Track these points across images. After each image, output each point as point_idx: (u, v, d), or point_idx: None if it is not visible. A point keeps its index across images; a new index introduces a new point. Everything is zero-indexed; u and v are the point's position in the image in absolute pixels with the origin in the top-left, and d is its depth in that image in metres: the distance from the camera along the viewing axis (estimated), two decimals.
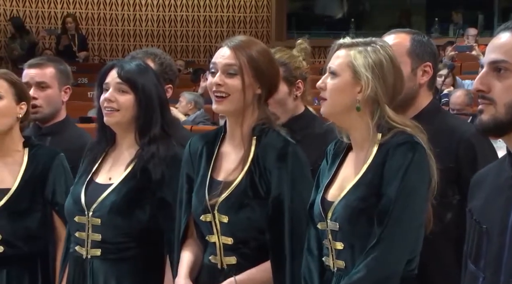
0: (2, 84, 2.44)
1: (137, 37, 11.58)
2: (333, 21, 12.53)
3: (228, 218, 2.06)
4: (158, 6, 11.65)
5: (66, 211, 2.30)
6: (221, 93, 2.07)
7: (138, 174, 2.23)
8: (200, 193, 2.11)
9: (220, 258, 2.09)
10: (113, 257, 2.23)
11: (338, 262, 1.90)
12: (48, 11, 11.26)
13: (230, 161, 2.11)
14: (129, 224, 2.22)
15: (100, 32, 11.52)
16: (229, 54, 2.09)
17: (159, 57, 2.77)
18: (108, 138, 2.32)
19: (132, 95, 2.26)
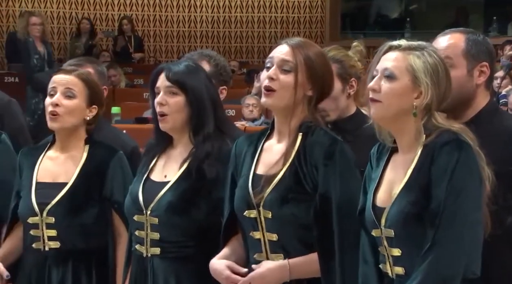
0: (77, 83, 2.47)
1: (191, 38, 11.69)
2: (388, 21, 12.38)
3: (272, 213, 2.06)
4: (213, 7, 11.73)
5: (126, 210, 2.33)
6: (271, 87, 2.09)
7: (194, 173, 2.25)
8: (243, 189, 2.13)
9: (266, 255, 2.09)
10: (172, 256, 2.26)
11: (396, 269, 1.88)
12: (106, 14, 11.47)
13: (272, 154, 2.12)
14: (186, 223, 2.25)
15: (156, 33, 11.67)
16: (287, 51, 2.11)
17: (214, 59, 2.79)
18: (165, 139, 2.35)
19: (182, 96, 2.28)
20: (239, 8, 11.76)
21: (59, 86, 2.46)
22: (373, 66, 1.95)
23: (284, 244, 2.07)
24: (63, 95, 2.44)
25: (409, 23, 11.66)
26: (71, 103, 2.45)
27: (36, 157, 2.49)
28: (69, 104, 2.44)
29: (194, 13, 11.69)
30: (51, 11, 11.24)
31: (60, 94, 2.44)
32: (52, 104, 2.44)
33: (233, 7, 11.76)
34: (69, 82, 2.46)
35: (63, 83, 2.46)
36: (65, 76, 2.47)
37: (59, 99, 2.44)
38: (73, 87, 2.46)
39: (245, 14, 11.78)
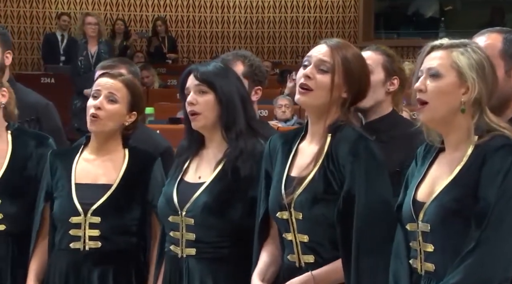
0: (121, 88, 2.49)
1: (224, 39, 11.73)
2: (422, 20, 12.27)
3: (303, 214, 2.06)
4: (246, 8, 11.76)
5: (159, 211, 2.35)
6: (307, 86, 2.08)
7: (229, 173, 2.26)
8: (276, 190, 2.13)
9: (298, 257, 2.09)
10: (208, 256, 2.26)
11: (426, 265, 1.86)
12: (140, 15, 11.57)
13: (305, 157, 2.12)
14: (221, 223, 2.25)
15: (189, 34, 11.73)
16: (326, 51, 2.11)
17: (249, 59, 2.79)
18: (196, 140, 2.36)
19: (212, 94, 2.29)
20: (272, 9, 11.77)
21: (103, 89, 2.48)
22: (417, 68, 1.93)
23: (315, 245, 2.07)
24: (106, 99, 2.47)
25: (443, 23, 11.54)
26: (112, 108, 2.47)
27: (71, 159, 2.52)
28: (111, 109, 2.47)
29: (228, 14, 11.73)
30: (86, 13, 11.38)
31: (103, 97, 2.47)
32: (94, 106, 2.46)
33: (266, 8, 11.76)
34: (113, 86, 2.48)
35: (107, 87, 2.48)
36: (110, 80, 2.49)
37: (102, 102, 2.46)
38: (117, 92, 2.48)
39: (278, 14, 11.78)
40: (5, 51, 3.03)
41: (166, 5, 11.62)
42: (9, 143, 2.61)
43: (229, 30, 11.73)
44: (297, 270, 2.09)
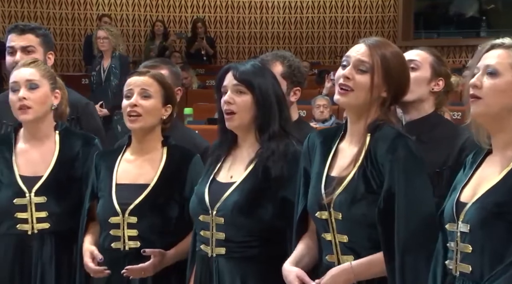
0: (153, 84, 2.52)
1: (263, 39, 11.74)
2: (463, 19, 12.11)
3: (342, 214, 2.05)
4: (284, 8, 11.75)
5: (191, 210, 2.35)
6: (346, 86, 2.07)
7: (260, 173, 2.26)
8: (315, 190, 2.12)
9: (337, 257, 2.08)
10: (237, 256, 2.26)
11: (462, 266, 1.84)
12: (179, 16, 11.66)
13: (345, 157, 2.10)
14: (251, 223, 2.25)
15: (228, 35, 11.78)
16: (364, 51, 2.09)
17: (288, 60, 2.79)
18: (230, 139, 2.36)
19: (249, 95, 2.29)
20: (311, 9, 11.74)
21: (135, 87, 2.51)
22: (474, 65, 1.91)
23: (355, 245, 2.06)
24: (140, 95, 2.50)
25: (485, 22, 11.37)
26: (148, 103, 2.50)
27: (113, 160, 2.55)
28: (147, 104, 2.49)
29: (266, 14, 11.74)
30: (126, 14, 11.51)
31: (137, 95, 2.50)
32: (130, 105, 2.49)
33: (304, 8, 11.74)
34: (144, 82, 2.51)
35: (138, 84, 2.51)
36: (140, 77, 2.53)
37: (137, 99, 2.49)
38: (149, 88, 2.51)
39: (317, 14, 11.75)
40: (48, 52, 3.08)
41: (205, 6, 11.68)
42: (56, 143, 2.65)
43: (267, 31, 11.74)
44: None
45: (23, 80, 2.61)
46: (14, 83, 2.63)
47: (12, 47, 3.03)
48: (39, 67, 2.67)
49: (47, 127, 2.66)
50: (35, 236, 2.58)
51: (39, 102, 2.60)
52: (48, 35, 3.15)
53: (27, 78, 2.61)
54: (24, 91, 2.59)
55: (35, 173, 2.60)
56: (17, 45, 3.01)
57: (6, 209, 2.57)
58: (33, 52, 3.00)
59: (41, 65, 2.70)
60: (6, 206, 2.57)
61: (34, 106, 2.59)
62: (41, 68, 2.66)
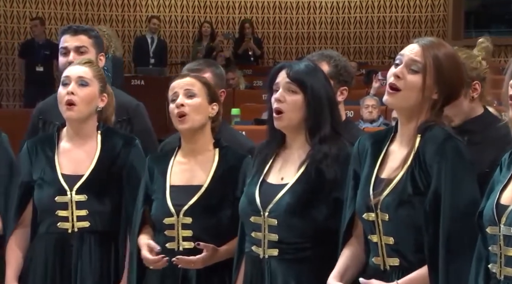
0: (195, 83, 2.55)
1: (310, 40, 11.71)
2: None
3: (389, 216, 2.03)
4: (332, 8, 11.70)
5: (240, 211, 2.35)
6: (396, 86, 2.05)
7: (313, 175, 2.25)
8: (364, 191, 2.11)
9: (383, 259, 2.07)
10: (290, 257, 2.26)
11: (507, 270, 1.80)
12: (227, 17, 11.72)
13: (395, 159, 2.08)
14: (304, 224, 2.25)
15: (275, 35, 11.79)
16: (417, 51, 2.07)
17: (334, 59, 2.78)
18: (278, 139, 2.35)
19: (301, 95, 2.28)
20: (359, 9, 11.67)
21: (179, 89, 2.54)
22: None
23: (401, 247, 2.04)
24: (185, 96, 2.53)
25: None
26: (194, 102, 2.53)
27: (166, 162, 2.58)
28: (193, 103, 2.52)
29: (313, 15, 11.71)
30: (175, 15, 11.63)
31: (182, 95, 2.53)
32: (177, 105, 2.52)
33: (352, 8, 11.67)
34: (187, 83, 2.55)
35: (182, 86, 2.55)
36: (182, 79, 2.57)
37: (182, 99, 2.52)
38: (192, 87, 2.54)
39: (365, 14, 11.67)
40: (99, 54, 3.12)
41: (252, 6, 11.71)
42: (98, 142, 2.69)
43: (315, 31, 11.71)
44: (382, 273, 2.07)
45: (75, 76, 2.66)
46: (65, 77, 2.67)
47: (65, 48, 3.07)
48: (93, 67, 2.72)
49: (90, 127, 2.69)
50: (75, 235, 2.60)
51: (85, 100, 2.64)
52: (99, 37, 3.19)
53: (79, 75, 2.66)
54: (74, 86, 2.63)
55: (77, 171, 2.64)
56: (70, 45, 3.06)
57: (47, 207, 2.62)
58: (86, 53, 3.04)
59: (95, 66, 2.75)
60: (48, 204, 2.61)
61: (80, 103, 2.62)
62: (94, 69, 2.71)
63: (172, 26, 11.60)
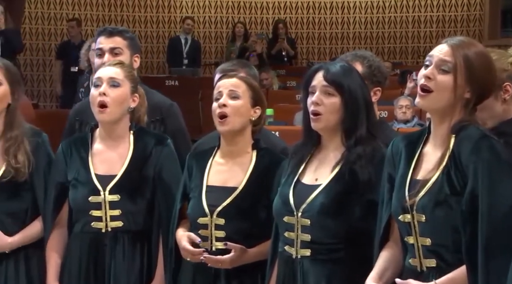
0: (241, 85, 2.56)
1: (344, 40, 11.67)
2: None
3: (425, 217, 2.02)
4: (366, 8, 11.64)
5: (274, 211, 2.36)
6: (427, 87, 2.04)
7: (346, 175, 2.25)
8: (400, 193, 2.10)
9: (420, 261, 2.06)
10: (322, 258, 2.26)
11: None
12: (260, 17, 11.74)
13: (430, 160, 2.07)
14: (337, 225, 2.25)
15: (309, 35, 11.77)
16: (447, 51, 2.06)
17: (368, 60, 2.77)
18: (314, 140, 2.36)
19: (338, 97, 2.28)
20: (393, 8, 11.59)
21: (224, 89, 2.55)
22: None
23: (437, 248, 2.03)
24: (229, 96, 2.54)
25: None
26: (237, 104, 2.54)
27: (205, 162, 2.59)
28: (236, 104, 2.53)
29: (347, 15, 11.67)
30: (209, 16, 11.68)
31: (226, 96, 2.54)
32: (219, 105, 2.53)
33: (387, 8, 11.60)
34: (232, 84, 2.56)
35: (227, 86, 2.56)
36: (229, 79, 2.58)
37: (226, 100, 2.53)
38: (237, 89, 2.55)
39: (399, 14, 11.58)
40: (134, 55, 3.15)
41: (286, 7, 11.71)
42: (131, 142, 2.71)
43: (349, 31, 11.67)
44: (419, 275, 2.06)
45: (106, 77, 2.68)
46: (97, 79, 2.70)
47: (100, 49, 3.11)
48: (124, 68, 2.74)
49: (122, 128, 2.72)
50: (109, 235, 2.63)
51: (117, 101, 2.66)
52: (134, 38, 3.22)
53: (111, 76, 2.68)
54: (106, 87, 2.66)
55: (110, 172, 2.67)
56: (105, 47, 3.10)
57: (82, 207, 2.65)
58: (120, 54, 3.07)
59: (127, 67, 2.77)
60: (82, 204, 2.65)
61: (112, 104, 2.65)
62: (125, 70, 2.73)
63: (206, 27, 11.65)
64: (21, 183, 2.69)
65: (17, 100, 2.74)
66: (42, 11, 10.88)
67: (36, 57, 10.82)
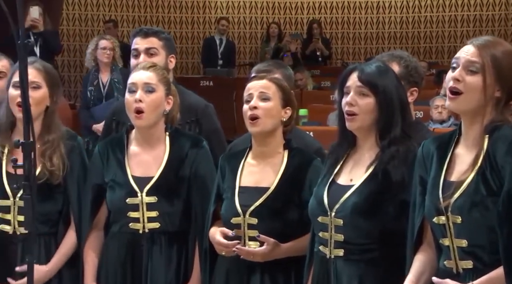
0: (271, 87, 2.57)
1: (379, 40, 11.60)
2: None
3: (461, 218, 2.00)
4: (402, 8, 11.56)
5: (310, 211, 2.37)
6: (456, 89, 2.03)
7: (380, 176, 2.25)
8: (433, 195, 2.08)
9: (455, 262, 2.04)
10: (355, 258, 2.27)
11: None
12: (295, 17, 11.73)
13: (463, 162, 2.06)
14: (370, 225, 2.25)
15: (343, 35, 11.72)
16: (473, 52, 2.05)
17: (405, 60, 2.75)
18: (349, 140, 2.36)
19: (372, 98, 2.28)
20: (429, 8, 11.48)
21: (254, 91, 2.57)
22: None
23: (474, 249, 2.02)
24: (259, 98, 2.56)
25: None
26: (267, 105, 2.55)
27: (237, 163, 2.62)
28: (266, 107, 2.55)
29: (383, 14, 11.59)
30: (243, 17, 11.71)
31: (257, 98, 2.56)
32: (250, 107, 2.55)
33: (423, 7, 11.50)
34: (263, 86, 2.57)
35: (257, 88, 2.57)
36: (259, 81, 2.59)
37: (257, 102, 2.55)
38: (267, 90, 2.57)
39: (435, 13, 11.47)
40: (169, 56, 3.17)
41: (321, 7, 11.69)
42: (167, 144, 2.73)
43: (384, 31, 11.59)
44: (455, 276, 2.04)
45: (141, 82, 2.70)
46: (131, 84, 2.72)
47: (136, 50, 3.14)
48: (157, 71, 2.75)
49: (158, 131, 2.74)
50: (146, 236, 2.66)
51: (152, 106, 2.68)
52: (170, 39, 3.24)
53: (145, 81, 2.70)
54: (141, 93, 2.67)
55: (147, 173, 2.69)
56: (141, 47, 3.12)
57: (119, 208, 2.68)
58: (156, 55, 3.10)
59: (159, 70, 2.78)
60: (120, 205, 2.68)
61: (148, 110, 2.67)
62: (158, 73, 2.74)
63: (240, 27, 11.68)
64: (55, 186, 2.72)
65: (55, 103, 2.77)
66: (80, 12, 11.03)
67: (74, 58, 10.97)
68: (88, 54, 6.12)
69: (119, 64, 6.16)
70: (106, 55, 6.03)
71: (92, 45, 6.14)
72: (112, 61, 6.08)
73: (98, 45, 6.09)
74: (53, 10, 7.76)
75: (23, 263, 2.59)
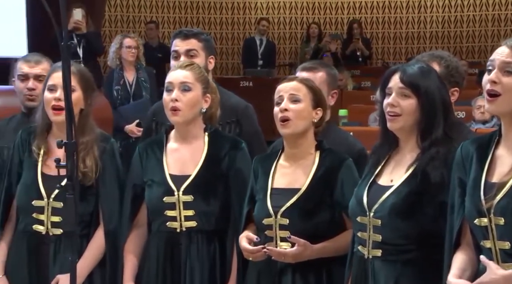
0: (301, 88, 2.58)
1: (420, 39, 11.49)
2: None
3: (504, 220, 1.98)
4: (444, 7, 11.43)
5: (350, 211, 2.38)
6: (493, 91, 2.02)
7: (419, 177, 2.24)
8: (474, 197, 2.06)
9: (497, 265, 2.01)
10: (393, 258, 2.26)
11: None
12: (335, 17, 11.69)
13: (504, 163, 2.04)
14: (408, 226, 2.24)
15: (384, 35, 11.64)
16: (508, 52, 2.04)
17: (445, 60, 2.73)
18: (391, 141, 2.35)
19: (414, 99, 2.27)
20: (472, 7, 11.33)
21: (284, 93, 2.58)
22: None
23: None
24: (290, 100, 2.56)
25: None
26: (298, 107, 2.55)
27: (270, 164, 2.63)
28: (297, 108, 2.55)
29: (424, 14, 11.48)
30: (283, 17, 11.72)
31: (287, 100, 2.56)
32: (281, 110, 2.56)
33: (465, 6, 11.35)
34: (293, 87, 2.58)
35: (287, 90, 2.58)
36: (289, 83, 2.60)
37: (287, 104, 2.56)
38: (298, 92, 2.57)
39: (478, 12, 11.31)
40: (209, 57, 3.20)
41: (361, 7, 11.63)
42: (205, 144, 2.75)
43: (425, 30, 11.48)
44: None
45: (177, 82, 2.71)
46: (168, 83, 2.73)
47: (176, 51, 3.17)
48: (194, 70, 2.76)
49: (196, 129, 2.75)
50: (184, 234, 2.67)
51: (189, 105, 2.69)
52: (210, 40, 3.26)
53: (181, 80, 2.71)
54: (177, 93, 2.69)
55: (184, 172, 2.71)
56: (181, 49, 3.14)
57: (157, 207, 2.70)
58: (196, 56, 3.12)
59: (196, 68, 2.78)
60: (157, 204, 2.70)
61: (184, 108, 2.68)
62: (195, 72, 2.75)
63: (280, 28, 11.69)
64: (87, 187, 2.74)
65: (90, 106, 2.80)
66: (122, 14, 11.17)
67: None
68: (112, 53, 6.01)
69: (143, 63, 6.14)
70: (131, 53, 5.96)
71: (116, 44, 6.03)
72: (136, 60, 6.03)
73: (123, 43, 6.01)
74: (96, 12, 7.87)
75: (55, 277, 2.65)
